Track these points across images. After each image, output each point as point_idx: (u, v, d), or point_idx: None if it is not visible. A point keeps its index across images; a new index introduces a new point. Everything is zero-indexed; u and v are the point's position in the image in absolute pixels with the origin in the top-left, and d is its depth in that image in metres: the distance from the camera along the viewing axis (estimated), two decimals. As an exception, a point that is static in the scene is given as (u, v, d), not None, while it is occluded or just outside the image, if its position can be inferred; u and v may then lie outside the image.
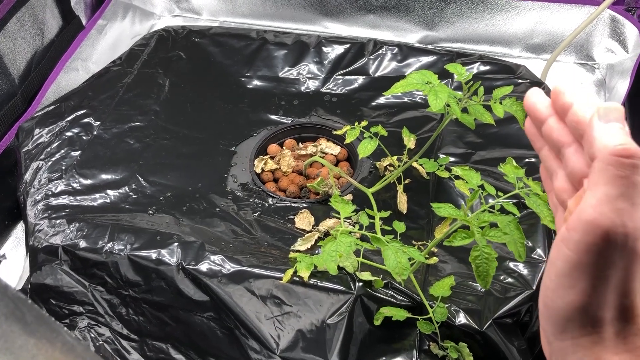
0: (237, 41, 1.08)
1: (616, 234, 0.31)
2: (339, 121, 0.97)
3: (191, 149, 0.93)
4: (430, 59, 1.03)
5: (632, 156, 0.30)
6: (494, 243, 0.69)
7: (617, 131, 0.32)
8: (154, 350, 0.73)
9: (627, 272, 0.32)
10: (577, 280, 0.33)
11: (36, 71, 1.01)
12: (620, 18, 1.09)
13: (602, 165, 0.31)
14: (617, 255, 0.31)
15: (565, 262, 0.33)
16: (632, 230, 0.31)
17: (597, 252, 0.32)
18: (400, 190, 0.83)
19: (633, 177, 0.31)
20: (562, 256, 0.33)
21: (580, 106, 0.34)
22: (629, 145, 0.31)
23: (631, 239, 0.31)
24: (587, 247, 0.32)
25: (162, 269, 0.72)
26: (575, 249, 0.32)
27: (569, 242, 0.32)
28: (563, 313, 0.34)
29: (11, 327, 0.27)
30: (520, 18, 1.14)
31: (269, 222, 0.81)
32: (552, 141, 0.37)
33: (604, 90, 1.11)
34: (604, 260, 0.32)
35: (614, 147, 0.31)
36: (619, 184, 0.31)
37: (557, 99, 0.36)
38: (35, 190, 0.84)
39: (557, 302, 0.34)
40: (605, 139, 0.31)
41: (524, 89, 0.95)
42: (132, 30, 1.24)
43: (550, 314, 0.35)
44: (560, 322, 0.34)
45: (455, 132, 0.89)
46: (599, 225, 0.31)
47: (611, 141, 0.31)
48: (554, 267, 0.34)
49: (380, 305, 0.68)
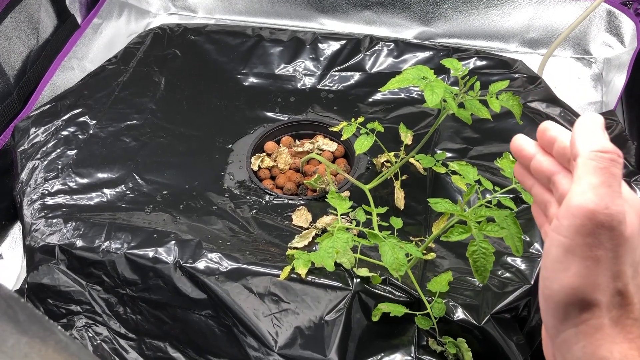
0: (232, 38, 1.07)
1: (601, 215, 0.34)
2: (336, 118, 0.97)
3: (187, 147, 0.92)
4: (427, 55, 1.03)
5: (610, 152, 0.35)
6: (492, 238, 0.69)
7: (598, 136, 0.36)
8: (152, 349, 0.73)
9: (616, 254, 0.34)
10: (570, 262, 0.35)
11: (31, 70, 1.01)
12: (617, 12, 1.09)
13: (584, 160, 0.35)
14: (605, 236, 0.34)
15: (558, 248, 0.35)
16: (616, 212, 0.34)
17: (586, 233, 0.34)
18: (397, 187, 0.82)
19: (612, 169, 0.34)
20: (555, 243, 0.35)
21: (564, 137, 0.39)
22: (607, 145, 0.35)
23: (616, 220, 0.34)
24: (576, 229, 0.34)
25: (159, 268, 0.72)
26: (566, 233, 0.35)
27: (560, 228, 0.35)
28: (562, 297, 0.36)
29: (3, 326, 0.27)
30: (517, 13, 1.14)
31: (266, 219, 0.81)
32: (542, 172, 0.40)
33: (600, 85, 1.11)
34: (594, 240, 0.34)
35: (593, 145, 0.35)
36: (600, 173, 0.34)
37: (544, 135, 0.40)
38: (32, 189, 0.84)
39: (554, 289, 0.36)
40: (586, 141, 0.36)
41: (521, 83, 0.95)
42: (127, 29, 1.24)
43: (550, 302, 0.37)
44: (561, 309, 0.36)
45: (452, 127, 0.89)
46: (585, 208, 0.34)
47: (592, 142, 0.35)
48: (549, 255, 0.36)
49: (378, 301, 0.68)
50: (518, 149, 0.42)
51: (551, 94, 0.93)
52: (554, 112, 0.89)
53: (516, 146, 0.42)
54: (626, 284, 0.35)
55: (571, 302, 0.35)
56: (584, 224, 0.34)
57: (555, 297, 0.36)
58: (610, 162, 0.34)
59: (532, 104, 0.90)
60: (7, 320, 0.27)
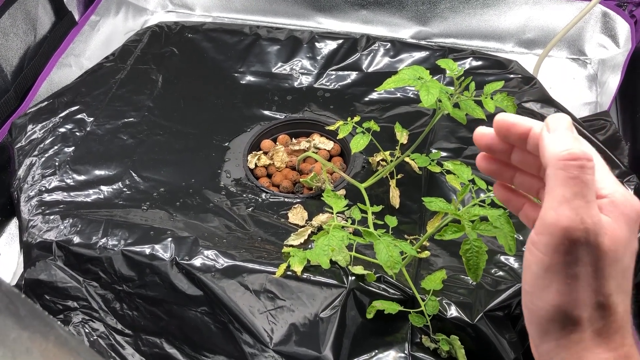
0: (230, 37, 1.08)
1: (577, 231, 0.33)
2: (332, 116, 0.97)
3: (184, 144, 0.93)
4: (423, 55, 1.04)
5: (578, 158, 0.33)
6: (485, 237, 0.70)
7: (563, 138, 0.34)
8: (148, 345, 0.73)
9: (596, 268, 0.34)
10: (551, 281, 0.35)
11: (29, 67, 1.01)
12: (612, 13, 1.10)
13: (553, 170, 0.34)
14: (583, 252, 0.34)
15: (538, 265, 0.35)
16: (591, 225, 0.33)
17: (564, 251, 0.34)
18: (392, 185, 0.83)
19: (582, 176, 0.33)
20: (535, 259, 0.35)
21: (538, 130, 0.37)
22: (574, 149, 0.33)
23: (592, 235, 0.33)
24: (554, 247, 0.34)
25: (156, 264, 0.72)
26: (544, 251, 0.34)
27: (538, 245, 0.35)
28: (543, 313, 0.36)
29: (5, 320, 0.27)
30: (513, 13, 1.15)
31: (263, 217, 0.82)
32: (532, 166, 0.39)
33: (595, 85, 1.12)
34: (572, 258, 0.34)
35: (560, 153, 0.34)
36: (571, 184, 0.33)
37: (511, 130, 0.38)
38: (29, 186, 0.85)
39: (536, 304, 0.36)
40: (552, 147, 0.34)
41: (516, 84, 0.96)
42: (125, 26, 1.24)
43: (533, 317, 0.37)
44: (543, 324, 0.36)
45: (447, 127, 0.90)
46: (560, 226, 0.33)
47: (558, 148, 0.34)
48: (529, 270, 0.36)
49: (372, 298, 0.69)
50: (486, 144, 0.40)
51: (546, 95, 0.93)
52: (549, 113, 0.90)
53: (484, 142, 0.40)
54: (608, 296, 0.34)
55: (553, 319, 0.35)
56: (561, 242, 0.33)
57: (538, 312, 0.36)
58: (580, 170, 0.33)
59: (527, 104, 0.91)
60: (9, 315, 0.28)
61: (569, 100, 1.04)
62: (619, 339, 0.35)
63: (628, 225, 0.35)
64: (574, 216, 0.33)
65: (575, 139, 0.34)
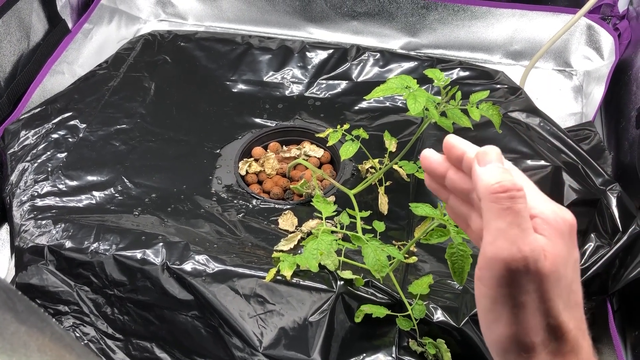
0: (222, 46, 1.09)
1: (516, 261, 0.34)
2: (323, 124, 0.99)
3: (176, 151, 0.94)
4: (412, 65, 1.06)
5: (508, 190, 0.34)
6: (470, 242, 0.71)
7: (493, 170, 0.35)
8: (138, 349, 0.74)
9: (541, 293, 0.35)
10: (500, 313, 0.35)
11: (22, 74, 1.02)
12: (597, 26, 1.13)
13: (486, 203, 0.35)
14: (525, 280, 0.34)
15: (485, 299, 0.36)
16: (529, 252, 0.34)
17: (507, 283, 0.34)
18: (381, 192, 0.84)
19: (515, 206, 0.34)
20: (482, 293, 0.36)
21: (471, 152, 0.38)
22: (504, 181, 0.35)
23: (531, 262, 0.34)
24: (497, 281, 0.35)
25: (147, 269, 0.73)
26: (488, 284, 0.35)
27: (483, 279, 0.35)
28: (499, 345, 0.37)
29: (4, 315, 0.28)
30: (500, 25, 1.17)
31: (253, 223, 0.83)
32: (458, 190, 0.40)
33: (581, 96, 1.14)
34: (516, 289, 0.34)
35: (491, 186, 0.35)
36: (504, 215, 0.34)
37: (450, 152, 0.40)
38: (21, 191, 0.85)
39: (490, 337, 0.37)
40: (484, 180, 0.35)
41: (502, 94, 0.98)
42: (118, 35, 1.25)
43: (491, 348, 0.38)
44: (500, 354, 0.37)
45: (435, 135, 0.92)
46: (499, 258, 0.34)
47: (489, 180, 0.35)
48: (479, 304, 0.37)
49: (360, 303, 0.70)
50: (429, 167, 0.41)
51: (531, 105, 0.95)
52: (534, 122, 0.92)
53: (427, 164, 0.41)
54: (557, 317, 0.35)
55: (508, 348, 0.36)
56: (502, 274, 0.34)
57: (493, 344, 0.37)
58: (511, 200, 0.34)
59: (512, 114, 0.93)
60: (7, 310, 0.28)
61: (554, 111, 1.06)
62: (573, 357, 0.36)
63: (563, 239, 0.36)
64: (510, 247, 0.34)
65: (504, 171, 0.35)
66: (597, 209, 0.80)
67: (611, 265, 0.76)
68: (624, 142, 0.95)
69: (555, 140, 0.88)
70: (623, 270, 0.76)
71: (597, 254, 0.76)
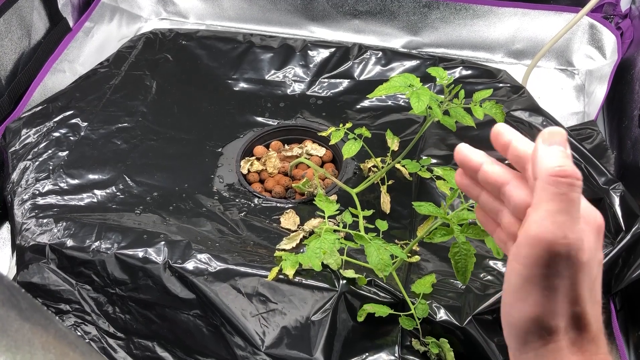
0: (223, 44, 1.09)
1: (559, 245, 0.34)
2: (325, 123, 0.99)
3: (178, 149, 0.94)
4: (414, 63, 1.05)
5: (568, 176, 0.34)
6: (473, 241, 0.71)
7: (557, 153, 0.35)
8: (140, 348, 0.74)
9: (573, 280, 0.35)
10: (529, 292, 0.36)
11: (23, 72, 1.01)
12: (599, 25, 1.12)
13: (543, 184, 0.35)
14: (563, 265, 0.35)
15: (517, 277, 0.36)
16: (574, 240, 0.34)
17: (544, 264, 0.35)
18: (383, 191, 0.84)
19: (570, 194, 0.34)
20: (515, 271, 0.36)
21: (519, 142, 0.39)
22: (567, 166, 0.35)
23: (573, 249, 0.34)
24: (535, 260, 0.35)
25: (148, 268, 0.73)
26: (524, 262, 0.35)
27: (519, 257, 0.36)
28: (522, 324, 0.37)
29: (8, 312, 0.28)
30: (502, 24, 1.17)
31: (255, 221, 0.83)
32: (492, 183, 0.40)
33: (583, 95, 1.14)
34: (552, 270, 0.35)
35: (552, 168, 0.34)
36: (558, 200, 0.34)
37: (498, 139, 0.40)
38: (23, 189, 0.85)
39: (514, 316, 0.37)
40: (546, 161, 0.35)
41: (504, 92, 0.98)
42: (119, 33, 1.25)
43: (511, 328, 0.38)
44: (521, 335, 0.37)
45: (438, 134, 0.91)
46: (543, 239, 0.34)
47: (551, 163, 0.35)
48: (509, 283, 0.37)
49: (363, 302, 0.70)
50: (464, 159, 0.41)
51: (534, 104, 0.95)
52: (536, 121, 0.91)
53: (462, 156, 0.41)
54: (584, 307, 0.36)
55: (531, 330, 0.36)
56: (542, 255, 0.34)
57: (516, 324, 0.37)
58: (569, 187, 0.34)
59: (515, 113, 0.93)
60: (11, 307, 0.28)
61: (557, 110, 1.06)
62: (594, 348, 0.36)
63: (595, 236, 0.36)
64: (557, 231, 0.34)
65: (567, 156, 0.35)
66: (600, 208, 0.80)
67: (614, 265, 0.76)
68: (627, 142, 0.94)
69: (557, 139, 0.88)
70: (626, 269, 0.76)
71: (600, 253, 0.76)
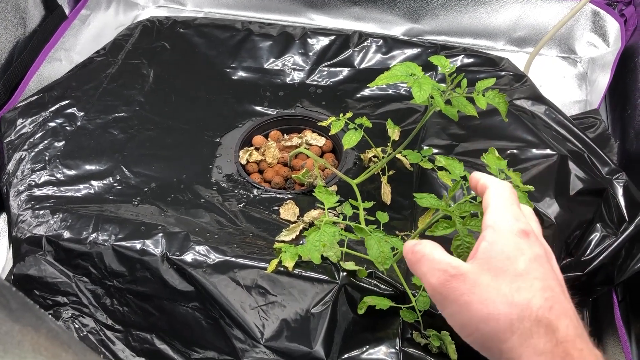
0: (222, 32, 1.07)
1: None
2: (324, 113, 0.97)
3: (176, 139, 0.92)
4: (415, 52, 1.04)
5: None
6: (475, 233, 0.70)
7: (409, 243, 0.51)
8: (138, 340, 0.73)
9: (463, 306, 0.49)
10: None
11: (18, 61, 1.00)
12: (602, 12, 1.11)
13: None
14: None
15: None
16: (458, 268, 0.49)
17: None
18: (384, 182, 0.83)
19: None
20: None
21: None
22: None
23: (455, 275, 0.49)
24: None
25: (146, 260, 0.72)
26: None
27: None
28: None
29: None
30: (504, 11, 1.15)
31: (254, 213, 0.82)
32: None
33: (585, 84, 1.13)
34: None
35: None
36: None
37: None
38: (19, 180, 0.84)
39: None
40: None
41: (507, 81, 0.97)
42: (115, 21, 1.23)
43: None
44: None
45: (439, 124, 0.90)
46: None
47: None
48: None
49: (364, 294, 0.69)
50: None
51: (537, 92, 0.94)
52: (539, 110, 0.90)
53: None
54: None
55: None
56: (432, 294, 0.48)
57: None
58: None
59: (517, 102, 0.91)
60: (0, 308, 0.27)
61: (559, 98, 1.05)
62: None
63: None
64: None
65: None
66: (603, 199, 0.79)
67: (617, 256, 0.75)
68: (630, 130, 0.93)
69: (560, 129, 0.87)
70: (629, 261, 0.75)
71: (603, 244, 0.76)
